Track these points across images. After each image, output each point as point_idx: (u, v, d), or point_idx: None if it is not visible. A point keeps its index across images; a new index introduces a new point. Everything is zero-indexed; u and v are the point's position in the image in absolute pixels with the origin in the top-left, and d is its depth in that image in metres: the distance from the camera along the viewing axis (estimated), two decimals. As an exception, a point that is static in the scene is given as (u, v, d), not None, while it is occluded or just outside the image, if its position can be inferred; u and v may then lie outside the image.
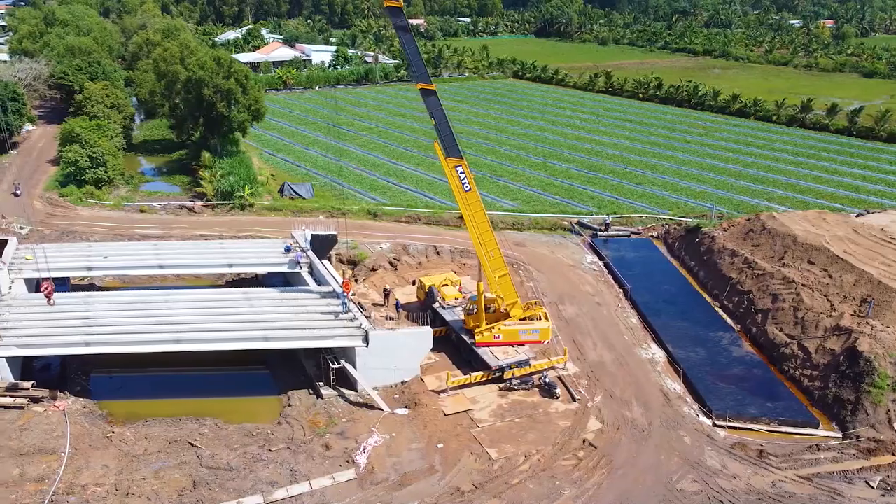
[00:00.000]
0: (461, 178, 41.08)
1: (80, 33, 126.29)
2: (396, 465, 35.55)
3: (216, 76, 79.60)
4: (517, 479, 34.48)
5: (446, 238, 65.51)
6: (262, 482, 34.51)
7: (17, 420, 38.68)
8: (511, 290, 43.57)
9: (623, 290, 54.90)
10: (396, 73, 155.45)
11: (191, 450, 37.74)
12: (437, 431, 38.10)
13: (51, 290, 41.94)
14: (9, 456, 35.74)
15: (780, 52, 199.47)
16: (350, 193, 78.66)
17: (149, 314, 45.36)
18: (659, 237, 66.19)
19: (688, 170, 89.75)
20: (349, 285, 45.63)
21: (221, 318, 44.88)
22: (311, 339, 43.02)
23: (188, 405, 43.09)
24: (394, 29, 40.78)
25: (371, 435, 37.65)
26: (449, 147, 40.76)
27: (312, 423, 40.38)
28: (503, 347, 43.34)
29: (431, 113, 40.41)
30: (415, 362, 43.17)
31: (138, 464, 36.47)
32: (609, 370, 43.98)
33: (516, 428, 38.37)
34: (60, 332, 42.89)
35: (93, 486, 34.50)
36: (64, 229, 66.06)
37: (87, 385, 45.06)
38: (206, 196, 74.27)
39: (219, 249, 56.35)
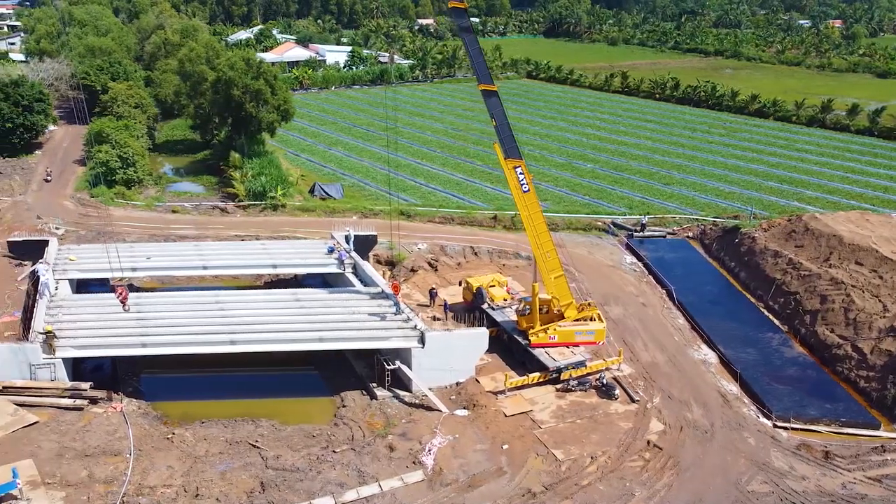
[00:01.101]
0: (520, 179, 41.06)
1: (99, 33, 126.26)
2: (464, 466, 35.51)
3: (245, 76, 79.54)
4: (586, 480, 34.45)
5: (482, 238, 65.51)
6: (330, 483, 34.45)
7: (78, 421, 38.59)
8: (566, 291, 43.59)
9: (666, 291, 54.89)
10: (411, 74, 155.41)
11: (253, 451, 37.68)
12: (499, 433, 38.07)
13: (125, 295, 41.88)
14: (75, 457, 35.66)
15: (791, 52, 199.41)
16: (379, 194, 78.64)
17: (201, 315, 45.33)
18: (695, 238, 66.20)
19: (714, 170, 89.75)
20: (398, 287, 45.58)
21: (274, 319, 44.87)
22: (367, 340, 42.99)
23: (238, 406, 42.99)
24: (457, 29, 40.66)
25: (434, 436, 37.60)
26: (509, 148, 40.75)
27: (370, 425, 40.35)
28: (558, 348, 43.30)
29: (492, 114, 40.39)
30: (470, 363, 43.14)
31: (202, 465, 36.39)
32: (663, 371, 43.97)
33: (578, 429, 38.34)
34: (115, 334, 42.82)
35: (161, 488, 34.44)
36: (99, 230, 65.94)
37: (139, 386, 45.07)
38: (237, 196, 74.21)
39: (261, 250, 56.33)
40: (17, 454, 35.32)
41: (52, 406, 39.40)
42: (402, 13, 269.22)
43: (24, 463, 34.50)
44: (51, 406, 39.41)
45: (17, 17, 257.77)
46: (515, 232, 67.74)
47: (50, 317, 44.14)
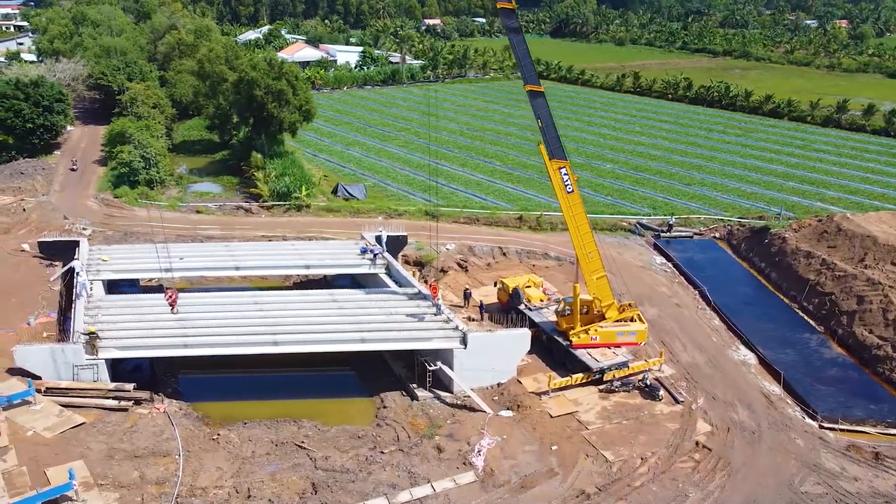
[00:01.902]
0: (564, 180, 41.01)
1: (112, 34, 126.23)
2: (514, 467, 35.47)
3: (267, 77, 79.48)
4: (638, 481, 34.43)
5: (509, 239, 65.46)
6: (382, 484, 34.41)
7: (124, 422, 38.51)
8: (608, 292, 43.54)
9: (698, 292, 54.84)
10: (423, 74, 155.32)
11: (300, 452, 37.65)
12: (547, 434, 38.04)
13: (175, 298, 41.77)
14: (125, 458, 35.61)
15: (800, 52, 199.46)
16: (401, 194, 78.63)
17: (241, 316, 45.27)
18: (722, 238, 66.17)
19: (733, 170, 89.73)
20: (437, 289, 45.52)
21: (314, 320, 44.80)
22: (409, 341, 42.93)
23: (277, 406, 42.98)
24: (505, 30, 40.60)
25: (482, 437, 37.56)
26: (554, 149, 40.69)
27: (413, 426, 40.31)
28: (600, 349, 43.27)
29: (538, 115, 40.32)
30: (512, 364, 43.11)
31: (251, 466, 36.36)
32: (704, 372, 43.94)
33: (626, 430, 38.31)
34: (157, 334, 42.76)
35: (213, 489, 34.41)
36: (126, 230, 65.94)
37: (177, 386, 45.01)
38: (261, 197, 74.15)
39: (292, 250, 56.28)
40: (68, 455, 35.26)
41: (97, 407, 39.34)
42: (408, 13, 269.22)
43: (76, 464, 34.42)
44: (96, 407, 39.35)
45: (24, 17, 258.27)
46: (541, 232, 67.86)
47: (89, 318, 44.09)
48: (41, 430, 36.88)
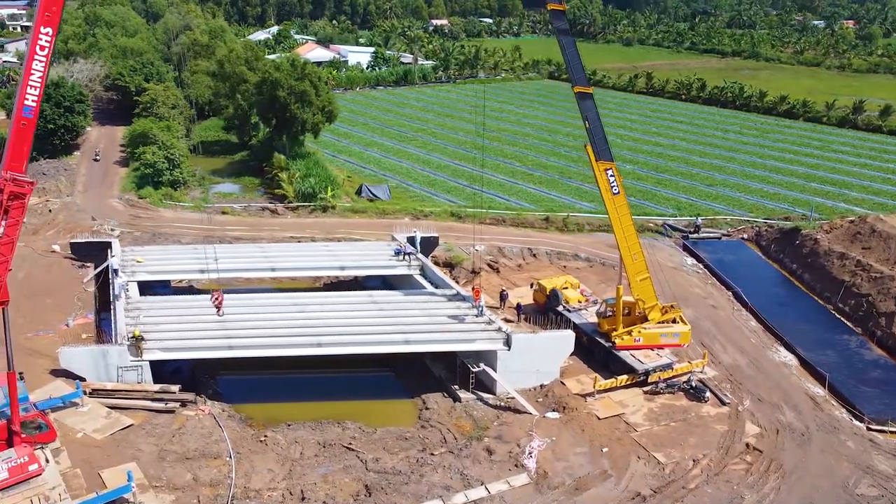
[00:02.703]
0: (610, 182, 41.00)
1: (127, 34, 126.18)
2: (567, 469, 35.43)
3: (290, 78, 79.44)
4: (693, 483, 34.39)
5: (538, 240, 65.42)
6: (436, 486, 34.36)
7: (171, 424, 38.45)
8: (651, 294, 43.52)
9: (732, 293, 54.82)
10: (434, 74, 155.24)
11: (348, 453, 37.60)
12: (596, 435, 38.00)
13: (221, 300, 41.83)
14: (176, 460, 35.56)
15: (809, 52, 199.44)
16: (424, 195, 78.59)
17: (282, 317, 45.25)
18: (750, 239, 66.19)
19: (754, 171, 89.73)
20: (479, 292, 45.48)
21: (355, 322, 44.79)
22: (453, 343, 42.91)
23: (318, 408, 42.92)
24: (555, 31, 40.60)
25: (531, 438, 37.52)
26: (601, 150, 40.72)
27: (458, 427, 40.28)
28: (643, 351, 43.24)
29: (585, 116, 40.31)
30: (555, 365, 43.07)
31: (301, 468, 36.31)
32: (747, 374, 43.92)
33: (675, 432, 38.28)
34: (200, 336, 42.72)
35: (266, 491, 34.36)
36: (154, 231, 65.91)
37: (217, 388, 44.94)
38: (286, 198, 74.08)
39: (325, 252, 56.26)
40: (120, 457, 35.22)
41: (144, 409, 39.29)
42: (415, 13, 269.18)
43: (128, 466, 34.36)
44: (142, 409, 39.30)
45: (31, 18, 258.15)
46: (569, 233, 67.84)
47: (131, 319, 44.06)
48: (91, 431, 36.85)
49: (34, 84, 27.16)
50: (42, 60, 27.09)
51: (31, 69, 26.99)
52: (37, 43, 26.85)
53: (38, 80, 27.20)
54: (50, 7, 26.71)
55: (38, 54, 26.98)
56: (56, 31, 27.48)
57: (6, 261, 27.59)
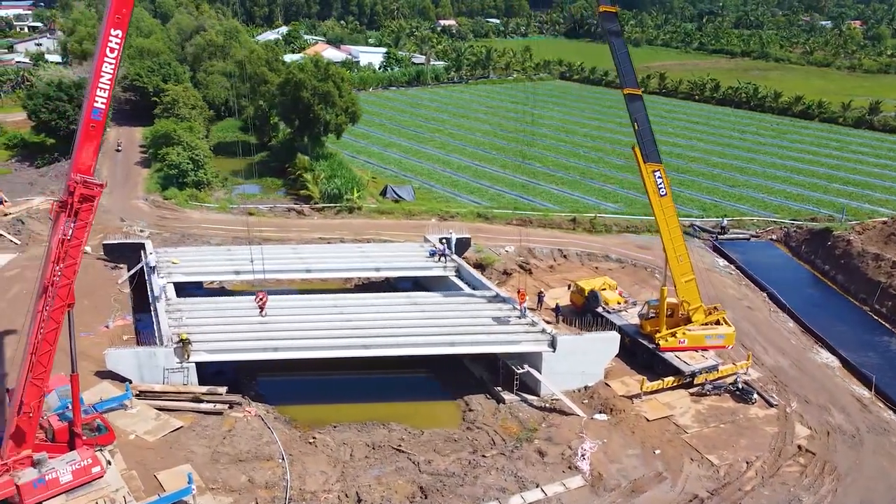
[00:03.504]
0: (658, 183, 41.00)
1: (141, 35, 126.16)
2: (621, 471, 35.40)
3: (313, 78, 79.43)
4: (749, 485, 34.37)
5: (567, 241, 65.36)
6: (492, 488, 34.33)
7: (221, 426, 38.42)
8: (696, 295, 43.51)
9: (767, 294, 54.80)
10: (446, 75, 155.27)
11: (399, 455, 37.57)
12: (646, 437, 37.96)
13: (265, 300, 41.80)
14: (230, 462, 35.52)
15: (819, 53, 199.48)
16: (448, 196, 78.54)
17: (324, 319, 45.20)
18: (779, 240, 66.16)
19: (775, 172, 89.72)
20: (525, 294, 45.45)
21: (399, 323, 44.75)
22: (499, 345, 42.87)
23: (359, 409, 42.90)
24: (606, 33, 40.61)
25: (583, 440, 37.49)
26: (649, 152, 40.73)
27: (504, 429, 40.28)
28: (688, 352, 43.21)
29: (634, 118, 40.36)
30: (600, 367, 43.05)
31: (353, 469, 36.29)
32: (791, 375, 43.89)
33: (725, 434, 38.25)
34: (244, 337, 42.71)
35: (322, 493, 34.34)
36: (183, 232, 65.87)
37: (258, 389, 44.90)
38: (311, 199, 74.05)
39: (359, 253, 56.22)
40: (173, 459, 35.19)
41: (193, 411, 39.26)
42: (422, 14, 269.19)
43: (183, 468, 34.32)
44: (191, 411, 39.28)
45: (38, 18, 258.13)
46: (597, 234, 67.77)
47: (173, 321, 44.04)
48: (142, 433, 36.82)
49: (103, 86, 27.12)
50: (111, 63, 27.05)
51: (101, 71, 26.92)
52: (107, 45, 26.80)
53: (107, 82, 27.16)
54: (120, 9, 26.68)
55: (108, 56, 26.94)
56: (125, 33, 27.41)
57: (75, 263, 27.59)
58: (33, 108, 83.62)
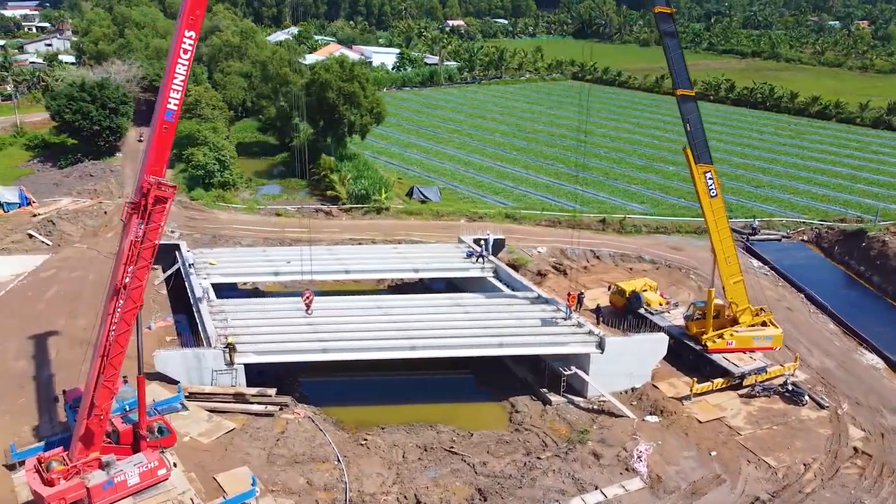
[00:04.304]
0: (709, 184, 40.89)
1: (158, 35, 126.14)
2: (679, 473, 35.29)
3: (339, 79, 79.35)
4: (809, 487, 34.26)
5: (598, 242, 65.19)
6: (551, 491, 34.22)
7: (273, 427, 38.31)
8: (744, 297, 43.38)
9: (805, 296, 54.70)
10: (460, 75, 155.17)
11: (452, 457, 37.45)
12: (701, 439, 37.87)
13: (312, 300, 41.63)
14: (286, 464, 35.42)
15: (830, 53, 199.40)
16: (473, 197, 78.42)
17: (369, 320, 45.07)
18: (810, 241, 66.08)
19: (797, 172, 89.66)
20: (575, 297, 45.36)
21: (445, 325, 44.65)
22: (546, 346, 42.76)
23: (404, 410, 42.82)
24: (660, 33, 40.51)
25: (637, 442, 37.39)
26: (700, 153, 40.63)
27: (554, 431, 40.19)
28: (736, 354, 43.11)
29: (687, 118, 40.30)
30: (647, 368, 42.97)
31: (408, 471, 36.18)
32: (838, 376, 43.80)
33: (779, 436, 38.15)
34: (292, 339, 42.61)
35: (381, 495, 34.25)
36: (213, 233, 65.73)
37: (302, 391, 44.78)
38: (339, 199, 73.95)
39: (395, 254, 56.11)
40: (230, 461, 35.09)
41: (243, 412, 39.17)
42: (429, 14, 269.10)
43: (241, 470, 34.24)
44: (241, 412, 39.19)
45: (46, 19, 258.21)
46: (627, 235, 67.68)
47: (219, 322, 43.95)
48: (196, 435, 36.73)
49: (176, 87, 27.05)
50: (185, 64, 26.98)
51: (175, 73, 26.84)
52: (180, 47, 26.72)
53: (180, 83, 27.08)
54: (194, 10, 26.60)
55: (182, 58, 26.87)
56: (198, 35, 27.32)
57: (147, 265, 27.47)
58: (57, 109, 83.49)
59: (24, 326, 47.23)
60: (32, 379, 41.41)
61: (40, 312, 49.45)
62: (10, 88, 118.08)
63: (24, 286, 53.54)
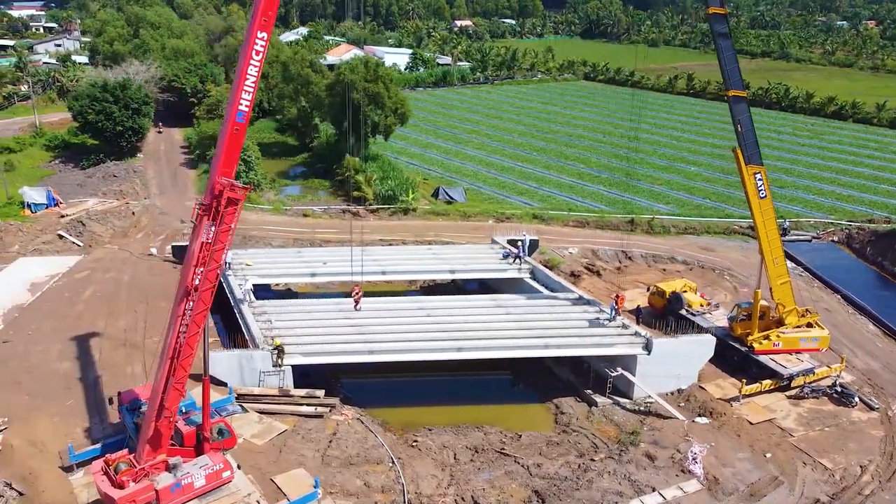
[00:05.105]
0: (759, 185, 40.82)
1: (173, 35, 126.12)
2: (736, 475, 35.19)
3: (363, 79, 79.29)
4: (867, 489, 34.18)
5: (629, 242, 65.00)
6: (609, 493, 34.11)
7: (324, 429, 38.26)
8: (791, 298, 43.29)
9: (841, 296, 54.60)
10: (472, 76, 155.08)
11: (505, 458, 37.35)
12: (754, 441, 37.78)
13: (361, 295, 41.59)
14: (342, 466, 35.35)
15: (840, 53, 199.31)
16: (498, 197, 78.32)
17: (414, 321, 45.00)
18: (841, 241, 66.00)
19: (820, 173, 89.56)
20: (623, 298, 45.28)
21: (490, 326, 44.56)
22: (593, 347, 42.66)
23: (447, 411, 42.75)
24: (713, 34, 40.46)
25: (691, 444, 37.30)
26: (751, 154, 40.61)
27: (602, 432, 40.11)
28: (783, 355, 43.03)
29: (738, 119, 40.20)
30: (694, 370, 42.89)
31: (462, 473, 36.08)
32: (885, 378, 43.69)
33: (831, 437, 38.06)
34: (337, 340, 42.55)
35: (438, 497, 34.17)
36: (243, 234, 65.50)
37: (344, 392, 44.66)
38: (366, 200, 73.87)
39: (430, 255, 56.01)
40: (285, 463, 35.03)
41: (293, 414, 39.11)
42: (437, 14, 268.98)
43: (298, 472, 34.23)
44: (291, 414, 39.12)
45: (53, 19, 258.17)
46: (657, 236, 67.55)
47: (263, 323, 43.88)
48: (250, 437, 36.64)
49: (248, 88, 26.96)
50: (256, 65, 26.87)
51: (247, 74, 26.75)
52: (253, 47, 26.62)
53: (251, 85, 26.99)
54: (267, 12, 26.50)
55: (254, 59, 26.76)
56: (270, 35, 27.23)
57: (218, 266, 27.38)
58: (80, 110, 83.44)
59: (65, 328, 47.23)
60: (78, 380, 41.37)
61: (79, 314, 49.41)
62: (25, 88, 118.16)
63: (59, 287, 53.49)
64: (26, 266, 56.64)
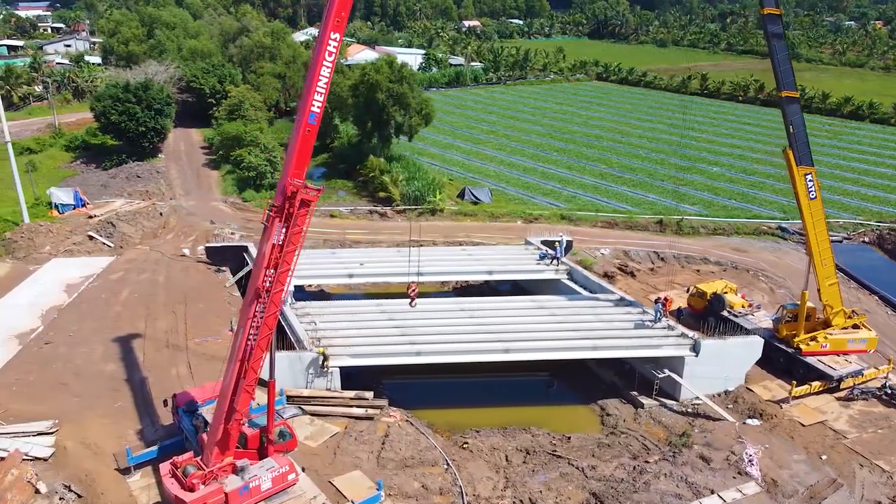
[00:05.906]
0: (809, 186, 40.69)
1: (189, 36, 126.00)
2: (793, 477, 35.06)
3: (387, 79, 79.16)
4: (927, 491, 34.06)
5: (659, 243, 64.90)
6: (667, 495, 33.96)
7: (375, 431, 38.09)
8: (838, 299, 43.16)
9: (879, 297, 54.46)
10: (485, 76, 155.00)
11: (558, 460, 37.19)
12: (808, 443, 37.62)
13: (416, 292, 41.55)
14: (396, 468, 35.21)
15: (851, 53, 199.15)
16: (523, 198, 78.18)
17: (456, 323, 44.85)
18: (872, 242, 65.86)
19: (843, 174, 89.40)
20: (671, 301, 45.15)
21: (534, 327, 44.42)
22: (640, 349, 42.53)
23: (491, 413, 42.66)
24: (767, 35, 40.38)
25: (745, 446, 37.16)
26: (802, 155, 40.48)
27: (651, 434, 39.96)
28: (830, 357, 42.90)
29: (791, 120, 40.16)
30: (741, 371, 42.74)
31: (517, 475, 35.94)
32: (931, 379, 43.55)
33: (885, 439, 37.91)
34: (382, 342, 42.42)
35: (495, 499, 34.02)
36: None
37: (387, 393, 44.49)
38: (392, 201, 73.75)
39: (466, 256, 55.86)
40: (341, 465, 34.90)
41: (344, 415, 38.98)
42: (444, 14, 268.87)
43: (355, 474, 34.11)
44: (342, 415, 39.00)
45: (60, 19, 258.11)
46: (686, 237, 67.40)
47: (307, 325, 43.76)
48: (303, 439, 36.43)
49: (320, 90, 26.81)
50: (329, 66, 26.72)
51: (319, 75, 26.61)
52: (325, 48, 26.46)
53: (323, 86, 26.85)
54: (340, 12, 26.34)
55: (326, 60, 26.61)
56: (342, 37, 27.10)
57: (289, 268, 27.25)
58: (102, 110, 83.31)
59: (106, 329, 47.10)
60: (125, 382, 41.25)
61: (118, 315, 49.30)
62: (40, 89, 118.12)
63: (96, 288, 53.35)
64: (60, 267, 56.56)
